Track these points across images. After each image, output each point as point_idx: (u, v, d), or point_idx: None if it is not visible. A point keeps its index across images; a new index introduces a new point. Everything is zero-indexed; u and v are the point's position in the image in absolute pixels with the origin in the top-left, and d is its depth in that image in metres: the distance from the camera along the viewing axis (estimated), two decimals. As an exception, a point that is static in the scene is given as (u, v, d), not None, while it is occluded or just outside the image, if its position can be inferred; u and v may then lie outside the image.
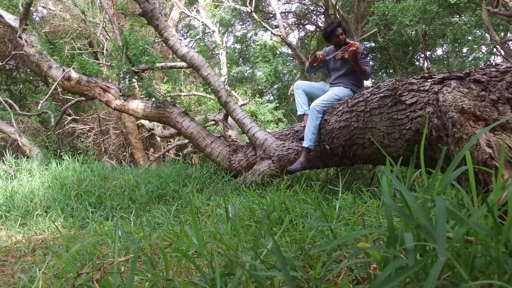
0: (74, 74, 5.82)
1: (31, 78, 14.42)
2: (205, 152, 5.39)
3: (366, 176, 4.75)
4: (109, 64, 6.53)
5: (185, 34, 21.09)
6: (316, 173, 5.34)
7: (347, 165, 3.85)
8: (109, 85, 5.85)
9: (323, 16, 19.04)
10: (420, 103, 2.33)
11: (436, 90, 2.22)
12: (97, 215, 4.04)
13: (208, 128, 8.68)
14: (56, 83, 5.61)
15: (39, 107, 6.39)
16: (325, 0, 17.21)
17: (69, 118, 11.84)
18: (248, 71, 22.60)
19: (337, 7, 15.18)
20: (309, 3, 19.64)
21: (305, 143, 3.79)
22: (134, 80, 6.21)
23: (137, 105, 5.70)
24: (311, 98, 4.26)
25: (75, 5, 10.29)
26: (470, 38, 9.24)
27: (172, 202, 4.48)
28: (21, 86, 14.77)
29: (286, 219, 2.00)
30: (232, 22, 19.66)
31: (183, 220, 3.62)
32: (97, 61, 7.12)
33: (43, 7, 11.40)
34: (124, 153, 14.02)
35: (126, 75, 5.95)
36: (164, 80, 14.27)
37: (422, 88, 2.37)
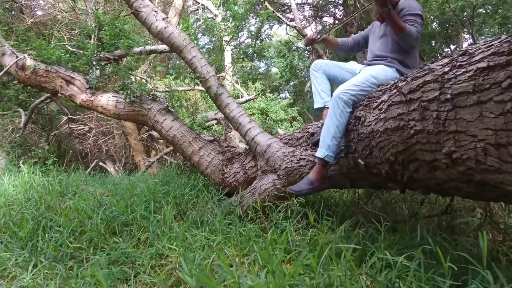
0: (29, 62, 4.59)
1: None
2: (192, 161, 4.08)
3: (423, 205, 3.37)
4: (76, 50, 5.27)
5: (197, 29, 19.84)
6: (340, 191, 3.97)
7: (393, 189, 2.46)
8: (73, 76, 4.59)
9: (341, 7, 17.60)
10: None
11: None
12: (21, 258, 2.77)
13: (212, 128, 7.40)
14: (2, 72, 4.38)
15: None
16: (344, -10, 15.73)
17: (65, 117, 10.73)
18: (263, 67, 21.33)
19: (358, -4, 13.72)
20: (327, -7, 18.22)
21: (320, 152, 2.44)
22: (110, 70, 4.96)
23: (107, 100, 4.43)
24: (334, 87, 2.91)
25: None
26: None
27: (138, 233, 3.20)
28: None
29: None
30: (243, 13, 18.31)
31: (133, 275, 2.33)
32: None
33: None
34: (127, 156, 12.94)
35: (97, 62, 4.69)
36: (173, 76, 13.07)
37: None
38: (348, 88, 2.35)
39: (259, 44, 18.67)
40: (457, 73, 1.43)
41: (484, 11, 7.23)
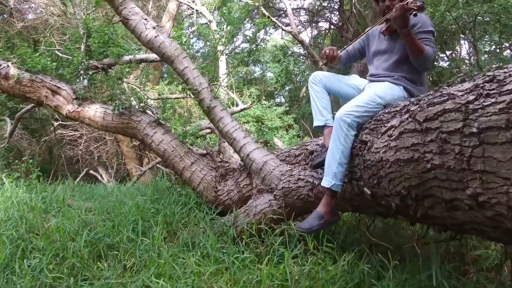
0: (13, 71, 4.36)
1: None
2: (183, 176, 3.87)
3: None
4: (66, 56, 5.05)
5: (192, 34, 19.60)
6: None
7: (401, 219, 2.26)
8: (60, 85, 4.37)
9: (337, 12, 17.48)
10: None
11: None
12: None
13: (206, 139, 7.18)
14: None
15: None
16: (340, -5, 15.55)
17: (56, 123, 10.43)
18: (258, 72, 21.17)
19: (354, 1, 13.59)
20: (322, -2, 18.10)
21: (326, 182, 2.21)
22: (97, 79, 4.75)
23: (95, 111, 4.21)
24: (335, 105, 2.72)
25: (53, -5, 8.89)
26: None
27: (124, 257, 2.98)
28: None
29: None
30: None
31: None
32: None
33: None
34: (119, 163, 12.69)
35: (85, 72, 4.48)
36: (166, 81, 12.83)
37: None
38: (351, 109, 2.15)
39: (255, 49, 18.51)
40: (485, 104, 1.24)
41: (481, 19, 7.08)
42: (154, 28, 3.64)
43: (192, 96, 3.85)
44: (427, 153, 1.47)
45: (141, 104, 4.20)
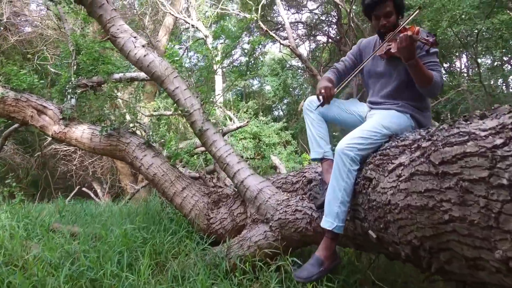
0: (-3, 90, 4.17)
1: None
2: (174, 203, 3.64)
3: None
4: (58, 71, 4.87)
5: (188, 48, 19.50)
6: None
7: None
8: (46, 105, 4.17)
9: (335, 26, 17.46)
10: None
11: None
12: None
13: (200, 161, 6.97)
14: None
15: None
16: (338, 9, 15.50)
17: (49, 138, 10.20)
18: (256, 85, 21.08)
19: (352, 15, 13.52)
20: (320, 12, 18.11)
21: (327, 223, 1.97)
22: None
23: (82, 132, 4.01)
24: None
25: (47, 9, 8.75)
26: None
27: (107, 295, 2.75)
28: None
29: None
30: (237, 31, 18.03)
31: None
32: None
33: (15, 13, 9.88)
34: (114, 178, 12.46)
35: (73, 90, 4.28)
36: (163, 96, 12.65)
37: None
38: (354, 142, 1.93)
39: (253, 64, 18.40)
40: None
41: (484, 35, 6.96)
42: (143, 46, 3.46)
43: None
44: (444, 202, 1.26)
45: (131, 125, 4.00)
